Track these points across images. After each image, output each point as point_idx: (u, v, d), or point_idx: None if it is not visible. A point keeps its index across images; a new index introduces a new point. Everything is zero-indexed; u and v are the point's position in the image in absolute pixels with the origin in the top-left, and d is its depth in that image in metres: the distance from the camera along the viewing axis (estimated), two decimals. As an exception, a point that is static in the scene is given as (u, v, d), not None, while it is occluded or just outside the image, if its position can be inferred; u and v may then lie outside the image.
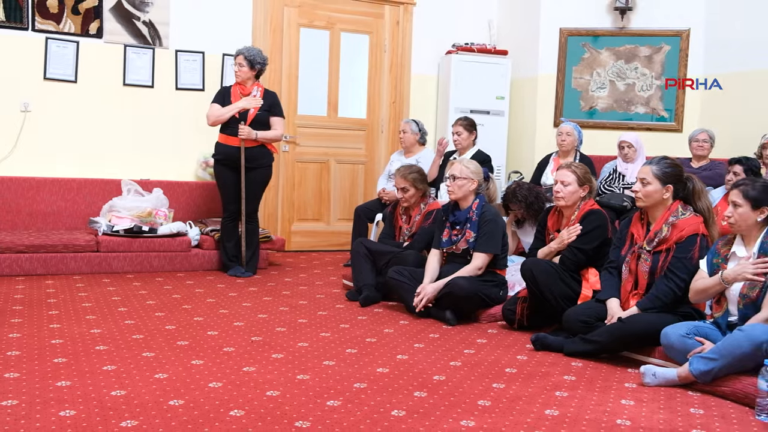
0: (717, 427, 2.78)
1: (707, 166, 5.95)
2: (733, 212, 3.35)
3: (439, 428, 2.63)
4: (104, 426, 2.50)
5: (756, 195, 3.31)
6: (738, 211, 3.33)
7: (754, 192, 3.32)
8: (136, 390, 2.89)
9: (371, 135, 7.43)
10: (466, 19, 7.62)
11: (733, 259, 3.40)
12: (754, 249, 3.33)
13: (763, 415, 2.88)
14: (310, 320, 4.29)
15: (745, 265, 3.28)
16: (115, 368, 3.17)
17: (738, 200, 3.34)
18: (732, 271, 3.32)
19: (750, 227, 3.35)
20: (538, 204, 5.21)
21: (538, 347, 3.82)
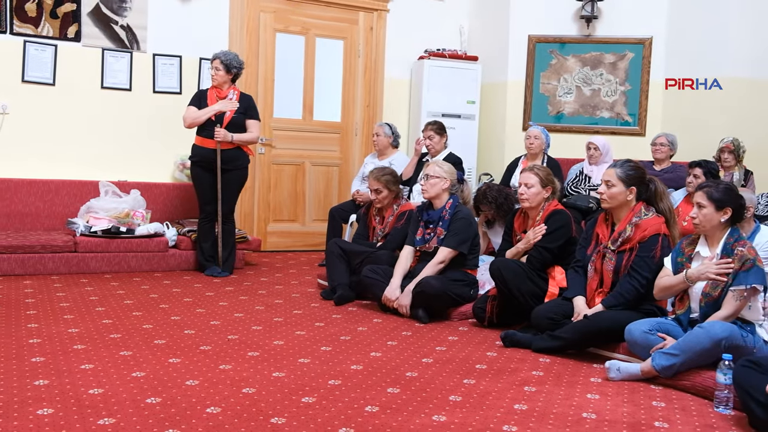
0: (678, 420, 2.82)
1: (669, 169, 6.03)
2: (697, 213, 3.40)
3: (412, 423, 2.64)
4: (82, 424, 2.47)
5: (720, 196, 3.36)
6: (702, 212, 3.38)
7: (718, 194, 3.37)
8: (113, 388, 2.86)
9: (345, 138, 7.42)
10: (438, 26, 7.64)
11: (697, 259, 3.45)
12: (718, 249, 3.38)
13: (721, 407, 2.93)
14: (285, 319, 4.28)
15: (708, 265, 3.33)
16: (92, 367, 3.13)
17: (702, 201, 3.39)
18: (696, 270, 3.37)
19: (714, 228, 3.39)
20: (507, 205, 5.23)
21: (508, 344, 3.85)
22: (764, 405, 2.54)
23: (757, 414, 2.61)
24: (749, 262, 3.22)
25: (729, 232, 3.38)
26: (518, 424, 2.69)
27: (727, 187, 3.42)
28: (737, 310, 3.23)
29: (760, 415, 2.59)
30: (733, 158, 5.80)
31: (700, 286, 3.37)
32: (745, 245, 3.31)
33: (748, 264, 3.21)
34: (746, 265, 3.22)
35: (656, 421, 2.78)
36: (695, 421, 2.82)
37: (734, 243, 3.32)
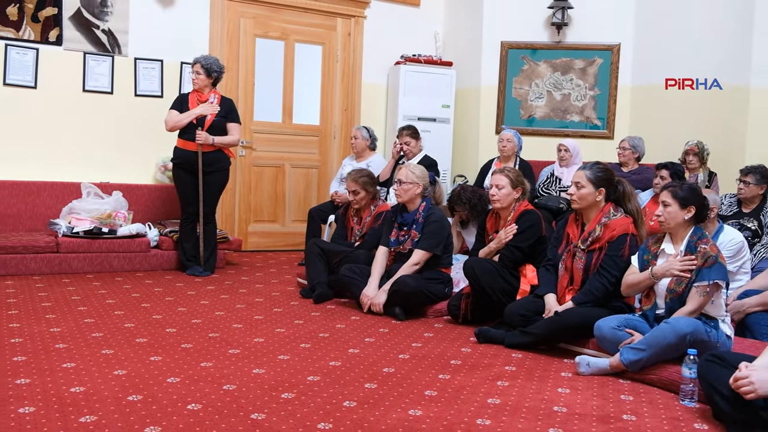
0: (645, 412, 2.84)
1: (636, 171, 6.08)
2: (663, 211, 3.43)
3: (389, 417, 2.63)
4: (63, 422, 2.43)
5: (684, 195, 3.40)
6: (668, 209, 3.41)
7: (683, 192, 3.41)
8: (95, 386, 2.82)
9: (324, 141, 7.40)
10: (413, 32, 7.65)
11: (662, 256, 3.47)
12: (682, 247, 3.41)
13: (686, 400, 2.95)
14: (265, 317, 4.25)
15: (673, 262, 3.36)
16: (74, 365, 3.09)
17: (668, 200, 3.42)
18: (661, 267, 3.40)
19: (678, 225, 3.42)
20: (481, 205, 5.25)
21: (481, 340, 3.86)
22: (728, 398, 2.56)
23: (721, 406, 2.63)
24: (711, 259, 3.25)
25: (693, 230, 3.42)
26: (492, 417, 2.69)
27: (691, 187, 3.47)
28: (701, 305, 3.26)
29: (723, 407, 2.61)
30: (698, 160, 5.86)
31: (665, 283, 3.40)
32: (707, 243, 3.34)
33: (711, 261, 3.25)
34: (709, 262, 3.25)
35: (624, 414, 2.80)
36: (662, 413, 2.84)
37: (697, 241, 3.35)
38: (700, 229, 3.44)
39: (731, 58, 6.65)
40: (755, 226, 4.92)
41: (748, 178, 4.99)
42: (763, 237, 4.86)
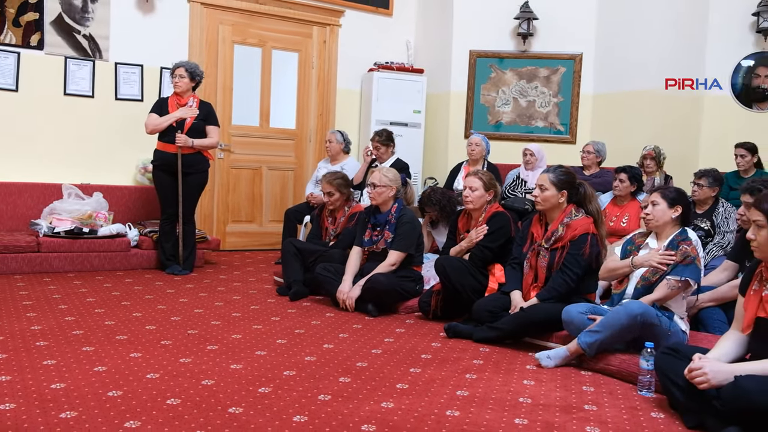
0: (606, 402, 2.87)
1: (597, 174, 6.14)
2: (651, 210, 3.50)
3: (362, 410, 2.63)
4: (44, 418, 2.39)
5: (673, 195, 3.49)
6: (657, 208, 3.48)
7: (671, 193, 3.50)
8: (75, 383, 2.77)
9: (300, 144, 7.37)
10: (386, 41, 7.65)
11: (645, 249, 3.55)
12: (665, 243, 3.47)
13: (644, 390, 2.99)
14: (243, 314, 4.22)
15: (653, 254, 3.43)
16: (55, 362, 3.03)
17: (657, 200, 3.50)
18: (641, 257, 3.48)
19: (666, 224, 3.49)
20: (450, 207, 5.27)
21: (451, 335, 3.87)
22: (683, 388, 2.60)
23: (676, 396, 2.67)
24: (690, 259, 3.32)
25: (679, 231, 3.48)
26: (460, 409, 2.70)
27: (679, 190, 3.57)
28: (666, 296, 3.32)
29: (678, 397, 2.65)
30: (655, 164, 5.94)
31: (640, 272, 3.47)
32: (690, 244, 3.40)
33: (689, 260, 3.32)
34: (687, 260, 3.32)
35: (586, 404, 2.83)
36: (621, 403, 2.87)
37: (681, 241, 3.42)
38: (686, 232, 3.49)
39: (685, 68, 6.76)
40: (708, 226, 5.00)
41: (702, 181, 5.06)
42: (715, 236, 4.94)
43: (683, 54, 6.73)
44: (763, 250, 2.50)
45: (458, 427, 2.50)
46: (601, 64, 7.05)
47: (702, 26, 6.78)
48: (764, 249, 2.49)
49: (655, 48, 6.68)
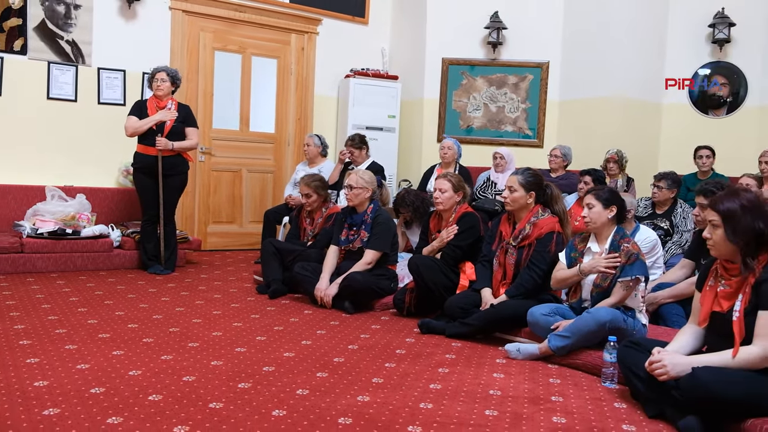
0: (571, 394, 2.89)
1: (563, 176, 6.20)
2: (588, 213, 3.50)
3: (339, 404, 2.62)
4: (27, 415, 2.35)
5: (606, 196, 3.49)
6: (593, 210, 3.49)
7: (605, 194, 3.50)
8: (58, 380, 2.73)
9: (279, 147, 7.33)
10: (362, 48, 7.64)
11: (588, 254, 3.54)
12: (606, 245, 3.48)
13: (607, 382, 3.02)
14: (223, 312, 4.18)
15: (598, 259, 3.43)
16: (38, 361, 2.98)
17: (592, 202, 3.50)
18: (588, 264, 3.47)
19: (603, 225, 3.49)
20: (423, 208, 5.28)
21: (424, 331, 3.87)
22: (644, 379, 2.63)
23: (637, 387, 2.70)
24: (633, 257, 3.34)
25: (615, 230, 3.50)
26: (433, 401, 2.70)
27: (611, 190, 3.57)
28: (623, 298, 3.34)
29: (640, 388, 2.68)
30: (617, 167, 6.01)
31: (591, 278, 3.47)
32: (629, 242, 3.43)
33: (633, 258, 3.34)
34: (631, 259, 3.34)
35: (553, 396, 2.85)
36: (586, 394, 2.90)
37: (620, 240, 3.44)
38: (622, 229, 3.52)
39: (647, 77, 6.87)
40: (667, 225, 5.07)
41: (661, 183, 5.13)
42: (674, 235, 5.01)
43: (644, 63, 6.83)
44: (718, 248, 2.53)
45: (431, 419, 2.51)
46: (566, 73, 7.12)
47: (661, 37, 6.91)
48: (719, 248, 2.52)
49: (617, 58, 6.76)
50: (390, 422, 2.46)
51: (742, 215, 2.46)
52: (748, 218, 2.45)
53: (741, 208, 2.47)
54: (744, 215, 2.46)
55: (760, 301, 2.40)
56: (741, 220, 2.45)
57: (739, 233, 2.45)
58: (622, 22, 6.74)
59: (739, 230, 2.45)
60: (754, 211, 2.47)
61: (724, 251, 2.52)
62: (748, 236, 2.44)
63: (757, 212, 2.47)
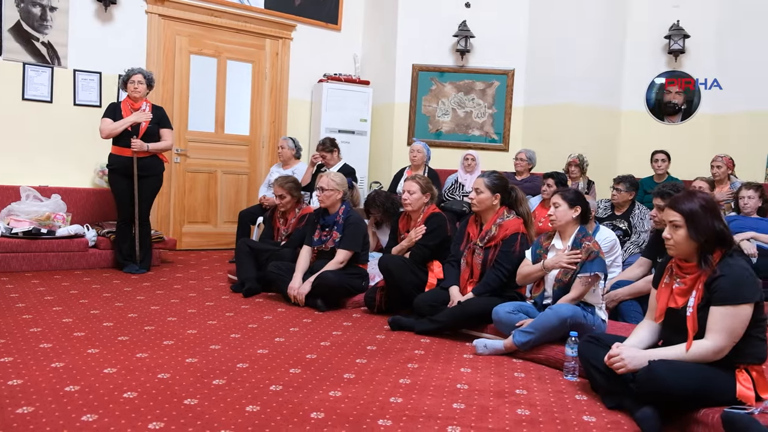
0: (535, 387, 2.92)
1: (528, 179, 6.26)
2: (554, 211, 3.54)
3: (311, 399, 2.61)
4: (0, 414, 2.28)
5: (572, 197, 3.54)
6: (559, 209, 3.53)
7: (570, 195, 3.55)
8: (32, 379, 2.66)
9: (253, 150, 7.27)
10: (335, 54, 7.63)
11: (552, 251, 3.58)
12: (569, 243, 3.52)
13: (569, 375, 3.05)
14: (198, 310, 4.13)
15: (561, 255, 3.48)
16: (11, 360, 2.90)
17: (558, 201, 3.55)
18: (551, 260, 3.51)
19: (567, 223, 3.54)
20: (393, 209, 5.28)
21: (394, 328, 3.87)
22: (603, 373, 2.66)
23: (597, 380, 2.74)
24: (593, 254, 3.39)
25: (579, 229, 3.55)
26: (403, 396, 2.70)
27: (577, 191, 3.62)
28: (582, 293, 3.38)
29: (599, 380, 2.72)
30: (579, 170, 6.09)
31: (554, 274, 3.51)
32: (590, 240, 3.47)
33: (593, 255, 3.38)
34: (591, 256, 3.38)
35: (517, 389, 2.87)
36: (549, 387, 2.93)
37: (582, 238, 3.48)
38: (584, 229, 3.57)
39: (606, 85, 6.97)
40: (626, 226, 5.15)
41: (620, 185, 5.20)
42: (632, 236, 5.08)
43: (604, 72, 6.93)
44: (678, 247, 2.55)
45: (401, 413, 2.51)
46: (530, 80, 7.19)
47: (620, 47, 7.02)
48: (680, 247, 2.55)
49: (578, 66, 6.84)
50: (361, 416, 2.45)
51: (704, 215, 2.50)
52: (708, 218, 2.50)
53: (701, 208, 2.51)
54: (705, 215, 2.50)
55: (712, 297, 2.44)
56: (702, 220, 2.49)
57: (701, 232, 2.49)
58: (583, 32, 6.83)
59: (701, 229, 2.49)
60: (712, 212, 2.52)
61: (684, 250, 2.55)
62: (708, 235, 2.49)
63: (714, 213, 2.53)
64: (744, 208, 4.96)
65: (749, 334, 2.43)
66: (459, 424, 2.44)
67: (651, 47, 6.97)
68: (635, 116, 7.06)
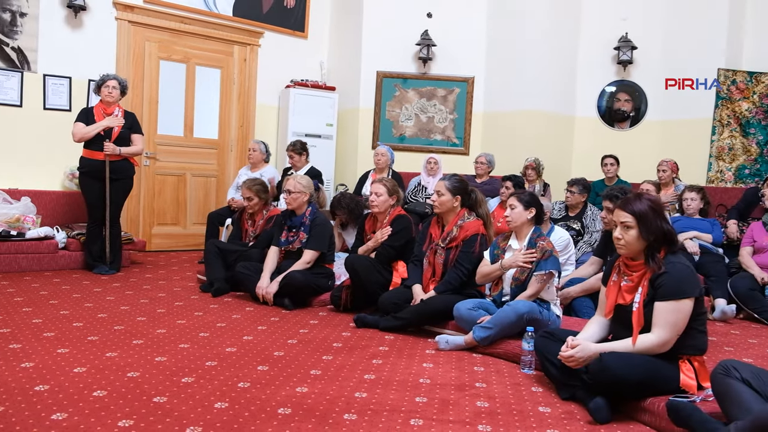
0: (494, 380, 2.95)
1: (487, 182, 6.32)
2: (510, 213, 3.59)
3: (279, 395, 2.60)
4: (-31, 413, 2.23)
5: (527, 199, 3.59)
6: (514, 211, 3.58)
7: (526, 197, 3.60)
8: (2, 379, 2.59)
9: (222, 153, 7.19)
10: (302, 60, 7.60)
11: (509, 251, 3.63)
12: (524, 242, 3.57)
13: (526, 368, 3.10)
14: (168, 310, 4.07)
15: (517, 255, 3.52)
16: (-19, 360, 2.83)
17: (514, 203, 3.59)
18: (509, 259, 3.55)
19: (523, 224, 3.59)
20: (358, 210, 5.29)
21: (359, 325, 3.88)
22: (557, 366, 2.71)
23: (552, 372, 2.78)
24: (548, 253, 3.44)
25: (533, 229, 3.60)
26: (368, 390, 2.71)
27: (532, 194, 3.67)
28: (538, 290, 3.44)
29: (554, 373, 2.76)
30: (535, 174, 6.17)
31: (511, 272, 3.56)
32: (544, 240, 3.53)
33: (547, 254, 3.44)
34: (545, 255, 3.44)
35: (477, 382, 2.90)
36: (507, 380, 2.97)
37: (537, 238, 3.54)
38: (539, 229, 3.62)
39: (561, 93, 7.09)
40: (579, 226, 5.24)
41: (573, 188, 5.29)
42: (584, 235, 5.18)
43: (559, 81, 7.05)
44: (629, 247, 2.60)
45: (366, 407, 2.51)
46: (489, 87, 7.26)
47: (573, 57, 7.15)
48: (631, 246, 2.59)
49: (534, 74, 6.94)
50: (327, 411, 2.45)
51: (653, 216, 2.57)
52: (657, 219, 2.56)
53: (650, 209, 2.58)
54: (654, 216, 2.57)
55: (656, 293, 2.51)
56: (652, 221, 2.55)
57: (651, 232, 2.55)
58: (538, 43, 6.94)
59: (651, 229, 2.55)
60: (659, 213, 2.59)
61: (634, 249, 2.59)
62: (657, 235, 2.55)
63: (661, 214, 2.60)
64: (687, 209, 5.10)
65: (691, 326, 2.51)
66: (421, 417, 2.45)
67: (602, 58, 7.11)
68: (588, 122, 7.19)
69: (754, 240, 4.71)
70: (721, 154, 6.64)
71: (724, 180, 6.60)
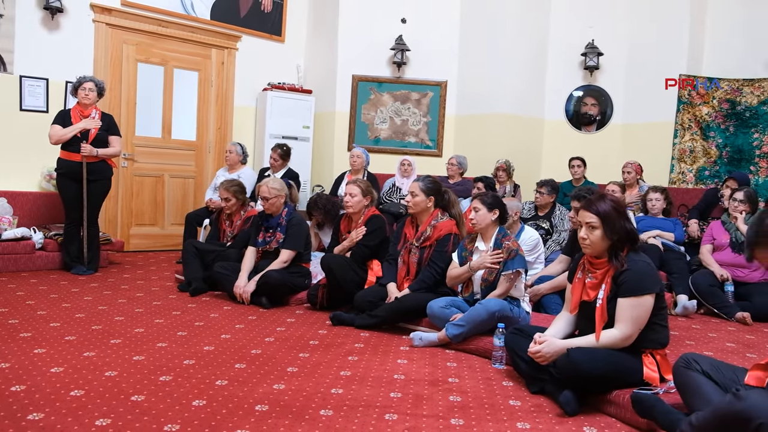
0: (466, 375, 2.97)
1: (460, 183, 6.35)
2: (475, 216, 3.60)
3: (256, 392, 2.58)
4: (-56, 414, 2.17)
5: (490, 201, 3.60)
6: (479, 213, 3.59)
7: (489, 199, 3.61)
8: (-23, 379, 2.54)
9: (200, 154, 7.12)
10: (279, 64, 7.55)
11: (476, 252, 3.64)
12: (491, 244, 3.59)
13: (497, 363, 3.12)
14: (146, 309, 4.02)
15: (485, 256, 3.54)
16: (-44, 361, 2.76)
17: (478, 206, 3.60)
18: (476, 261, 3.56)
19: (488, 226, 3.60)
20: (334, 211, 5.28)
21: (335, 323, 3.87)
22: (527, 361, 2.74)
23: (521, 367, 2.81)
24: (513, 252, 3.47)
25: (498, 230, 3.62)
26: (344, 387, 2.71)
27: (495, 195, 3.68)
28: (507, 289, 3.46)
29: (524, 368, 2.79)
30: (506, 175, 6.22)
31: (480, 274, 3.57)
32: (510, 239, 3.55)
33: (513, 254, 3.46)
34: (512, 255, 3.46)
35: (450, 378, 2.92)
36: (479, 375, 2.98)
37: (502, 238, 3.56)
38: (503, 229, 3.64)
39: (530, 97, 7.16)
40: (548, 226, 5.29)
41: (542, 189, 5.34)
42: (553, 234, 5.24)
43: (528, 84, 7.12)
44: (594, 246, 2.63)
45: (342, 403, 2.51)
46: (461, 91, 7.30)
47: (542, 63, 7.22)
48: (596, 246, 2.62)
49: (505, 79, 7.00)
50: (304, 407, 2.44)
51: (617, 217, 2.60)
52: (620, 219, 2.60)
53: (613, 210, 2.61)
54: (618, 216, 2.60)
55: (619, 290, 2.54)
56: (616, 221, 2.59)
57: (615, 231, 2.58)
58: (509, 49, 7.00)
59: (615, 229, 2.58)
60: (622, 213, 2.63)
61: (599, 248, 2.63)
62: (621, 234, 2.59)
63: (624, 214, 2.64)
64: (651, 209, 5.19)
65: (652, 321, 2.55)
66: (396, 411, 2.46)
67: (569, 63, 7.20)
68: (556, 126, 7.27)
69: (714, 238, 4.81)
70: (682, 157, 6.77)
71: (685, 181, 6.73)
